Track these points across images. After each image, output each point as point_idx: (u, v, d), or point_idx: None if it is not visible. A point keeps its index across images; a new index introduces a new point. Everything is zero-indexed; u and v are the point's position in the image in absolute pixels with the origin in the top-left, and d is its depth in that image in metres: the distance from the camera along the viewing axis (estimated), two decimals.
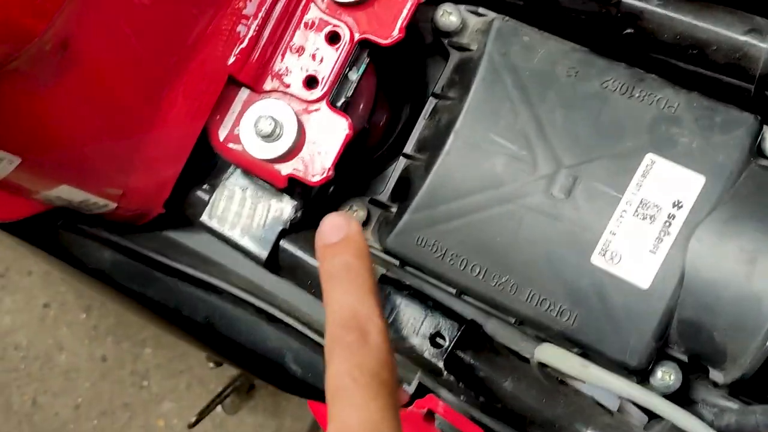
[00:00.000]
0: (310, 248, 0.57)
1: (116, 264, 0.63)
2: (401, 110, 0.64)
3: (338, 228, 0.41)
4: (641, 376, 0.54)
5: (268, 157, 0.52)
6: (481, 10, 0.60)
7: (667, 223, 0.53)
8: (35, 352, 1.42)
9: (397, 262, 0.58)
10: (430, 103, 0.61)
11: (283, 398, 1.40)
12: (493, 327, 0.59)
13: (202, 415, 1.25)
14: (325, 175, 0.53)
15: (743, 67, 0.55)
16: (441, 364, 0.52)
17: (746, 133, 0.53)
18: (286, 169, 0.53)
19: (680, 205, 0.53)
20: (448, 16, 0.59)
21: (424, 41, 0.62)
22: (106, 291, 0.66)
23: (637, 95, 0.55)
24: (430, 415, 0.54)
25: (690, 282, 0.52)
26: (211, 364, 1.29)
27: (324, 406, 0.59)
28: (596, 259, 0.53)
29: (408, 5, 0.54)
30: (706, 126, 0.54)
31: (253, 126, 0.52)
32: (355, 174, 0.62)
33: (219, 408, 1.33)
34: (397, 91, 0.64)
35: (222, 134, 0.54)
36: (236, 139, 0.53)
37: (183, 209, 0.58)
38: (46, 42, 0.41)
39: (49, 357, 1.41)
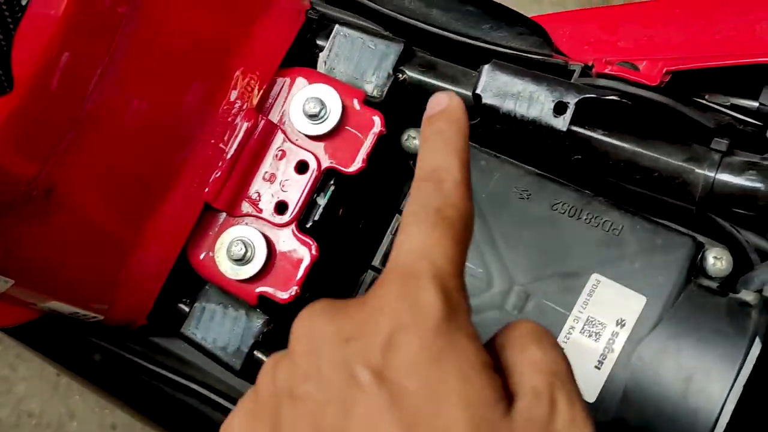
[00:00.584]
0: None
1: (106, 366, 0.68)
2: (373, 225, 0.68)
3: (439, 102, 0.43)
4: None
5: (240, 279, 0.57)
6: None
7: (611, 341, 0.56)
8: (47, 420, 1.45)
9: None
10: (396, 219, 0.65)
11: None
12: None
13: None
14: (292, 293, 0.57)
15: (684, 191, 0.59)
16: None
17: (685, 255, 0.57)
18: (257, 288, 0.58)
19: (623, 323, 0.56)
20: (413, 140, 0.65)
21: (395, 160, 0.67)
22: (96, 390, 0.70)
23: (584, 218, 0.60)
24: None
25: (632, 397, 0.55)
26: None
27: None
28: None
29: (370, 139, 0.59)
30: (648, 248, 0.58)
31: (226, 250, 0.57)
32: (327, 285, 0.66)
33: None
34: (370, 208, 0.68)
35: (199, 255, 0.58)
36: (212, 261, 0.58)
37: (165, 321, 0.62)
38: (32, 188, 0.47)
39: (61, 424, 1.45)
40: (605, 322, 0.57)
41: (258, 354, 0.61)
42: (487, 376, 0.34)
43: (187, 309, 0.62)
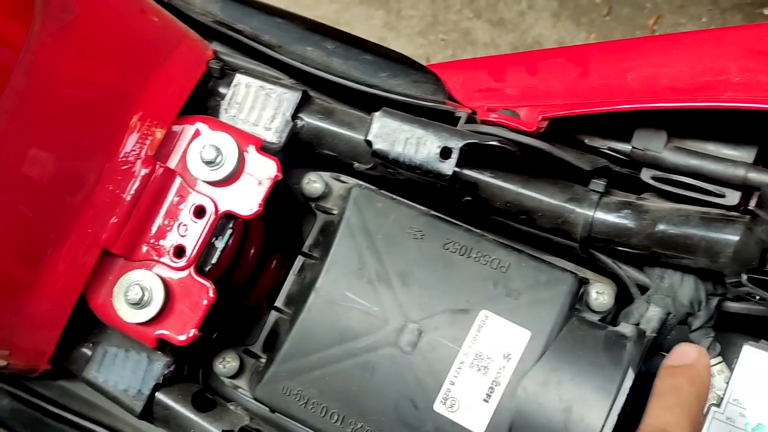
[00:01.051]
0: (183, 400, 0.62)
1: (13, 411, 0.68)
2: (279, 266, 0.71)
3: (685, 355, 0.40)
4: None
5: (138, 322, 0.58)
6: (342, 177, 0.68)
7: (498, 374, 0.59)
8: None
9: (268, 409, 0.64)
10: (299, 261, 0.67)
11: None
12: None
13: None
14: (190, 335, 0.59)
15: (566, 231, 0.62)
16: None
17: (567, 291, 0.60)
18: (155, 331, 0.59)
19: (509, 357, 0.59)
20: (313, 184, 0.67)
21: (299, 202, 0.69)
22: None
23: (474, 256, 0.62)
24: None
25: (518, 428, 0.57)
26: None
27: None
28: (438, 407, 0.59)
29: (266, 183, 0.61)
30: (533, 284, 0.61)
31: (124, 294, 0.58)
32: (230, 326, 0.68)
33: None
34: (275, 248, 0.71)
35: (98, 299, 0.60)
36: (110, 305, 0.59)
37: (68, 364, 0.63)
38: None
39: None
40: (493, 357, 0.59)
41: (159, 395, 0.62)
42: None
43: (89, 352, 0.63)
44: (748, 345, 0.50)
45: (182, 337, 0.59)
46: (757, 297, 0.53)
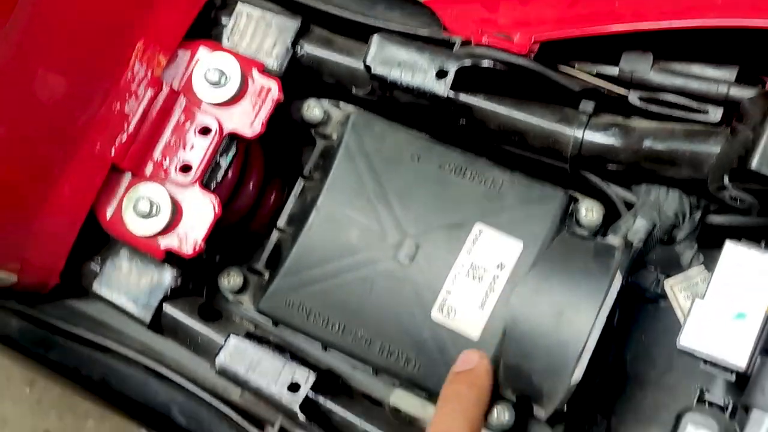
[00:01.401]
0: (189, 311, 0.65)
1: (22, 331, 0.70)
2: (282, 190, 0.73)
3: (467, 361, 0.45)
4: None
5: (147, 234, 0.61)
6: (341, 104, 0.70)
7: (493, 283, 0.62)
8: None
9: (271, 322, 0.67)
10: (299, 183, 0.70)
11: None
12: (360, 377, 0.67)
13: None
14: (197, 248, 0.61)
15: (557, 150, 0.65)
16: (297, 409, 0.60)
17: (557, 206, 0.63)
18: (163, 243, 0.61)
19: (503, 266, 0.62)
20: (313, 110, 0.69)
21: (298, 131, 0.71)
22: (14, 356, 0.72)
23: (469, 176, 0.65)
24: None
25: (511, 332, 0.60)
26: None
27: None
28: (435, 315, 0.62)
29: (268, 105, 0.63)
30: (525, 200, 0.63)
31: (133, 207, 0.61)
32: (236, 246, 0.71)
33: None
34: (278, 173, 0.73)
35: (108, 214, 0.62)
36: (119, 218, 0.61)
37: (78, 280, 0.66)
38: None
39: None
40: (487, 267, 0.62)
41: (167, 308, 0.64)
42: None
43: (98, 268, 0.65)
44: (729, 241, 0.53)
45: (189, 250, 0.61)
46: (738, 200, 0.56)
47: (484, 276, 0.62)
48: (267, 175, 0.72)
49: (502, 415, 0.62)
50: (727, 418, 0.52)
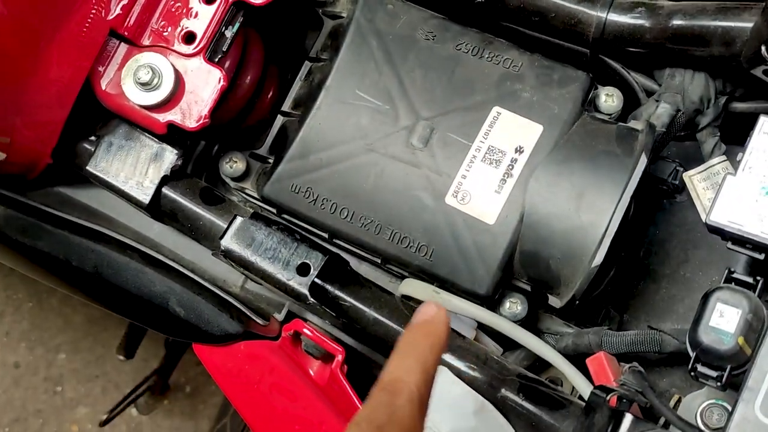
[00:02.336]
0: (191, 194, 0.61)
1: (8, 218, 0.66)
2: (281, 78, 0.69)
3: (425, 313, 0.43)
4: (490, 304, 0.60)
5: (148, 104, 0.57)
6: None
7: (510, 166, 0.59)
8: None
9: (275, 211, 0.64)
10: (306, 66, 0.66)
11: (200, 400, 1.41)
12: (366, 270, 0.65)
13: (112, 413, 1.24)
14: (201, 121, 0.58)
15: (579, 32, 0.62)
16: (306, 291, 0.57)
17: (579, 88, 0.60)
18: (165, 116, 0.58)
19: (521, 150, 0.59)
20: None
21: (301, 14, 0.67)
22: None
23: (486, 56, 0.62)
24: (296, 337, 0.58)
25: (529, 217, 0.58)
26: (121, 357, 1.30)
27: (207, 348, 0.64)
28: (450, 200, 0.59)
29: None
30: (545, 82, 0.61)
31: (133, 75, 0.57)
32: (238, 132, 0.67)
33: (134, 411, 1.33)
34: (276, 62, 0.69)
35: (104, 84, 0.58)
36: (118, 89, 0.57)
37: (70, 160, 0.62)
38: None
39: None
40: (505, 150, 0.59)
41: (166, 190, 0.61)
42: None
43: (92, 147, 0.61)
44: (764, 116, 0.51)
45: (193, 124, 0.58)
46: None
47: (502, 160, 0.59)
48: (266, 64, 0.69)
49: (514, 306, 0.60)
50: (755, 297, 0.50)
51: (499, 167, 0.59)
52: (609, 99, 0.62)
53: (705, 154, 0.62)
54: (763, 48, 0.52)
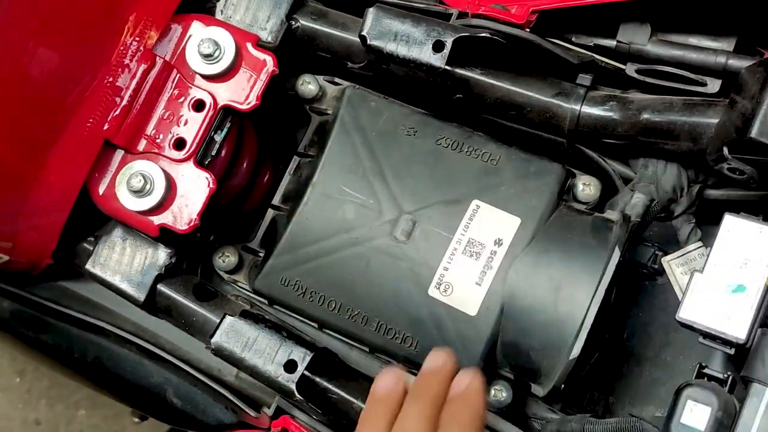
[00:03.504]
0: (184, 291, 0.64)
1: (14, 312, 0.70)
2: (274, 169, 0.72)
3: (460, 383, 0.47)
4: None
5: (141, 210, 0.60)
6: (336, 79, 0.69)
7: (490, 258, 0.61)
8: None
9: (266, 302, 0.66)
10: (294, 161, 0.69)
11: None
12: (356, 357, 0.67)
13: None
14: (192, 224, 0.61)
15: (555, 124, 0.64)
16: (293, 387, 0.59)
17: (555, 180, 0.62)
18: (157, 219, 0.61)
19: (500, 242, 0.61)
20: (308, 85, 0.68)
21: (293, 110, 0.70)
22: (7, 339, 0.72)
23: (465, 150, 0.64)
24: None
25: (509, 309, 0.60)
26: (136, 419, 1.32)
27: None
28: (433, 292, 0.61)
29: (263, 77, 0.62)
30: (522, 175, 0.63)
31: (127, 182, 0.60)
32: (230, 226, 0.70)
33: None
34: (270, 153, 0.72)
35: (100, 190, 0.61)
36: (113, 194, 0.60)
37: (70, 259, 0.65)
38: None
39: None
40: (484, 243, 0.61)
41: (161, 287, 0.63)
42: None
43: (91, 247, 0.64)
44: (728, 214, 0.53)
45: (184, 226, 0.61)
46: (737, 171, 0.55)
47: (482, 252, 0.61)
48: (260, 155, 0.72)
49: (500, 393, 0.62)
50: (726, 392, 0.51)
51: (479, 259, 0.61)
52: (586, 188, 0.64)
53: (681, 240, 0.64)
54: (725, 148, 0.54)
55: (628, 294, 0.67)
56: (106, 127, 0.60)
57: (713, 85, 0.60)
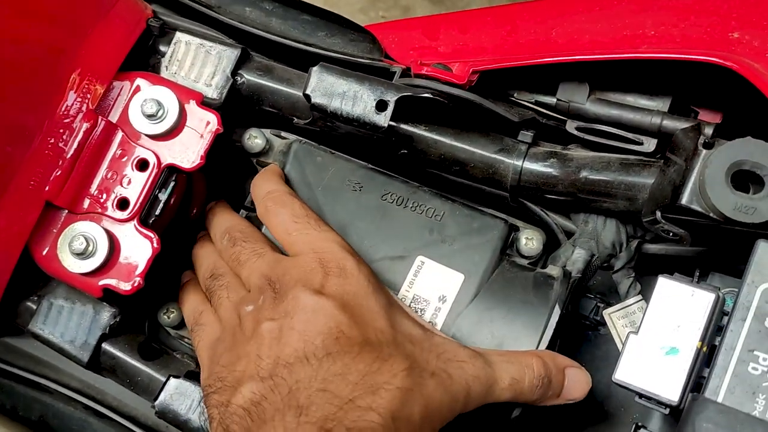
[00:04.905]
0: (129, 350, 0.63)
1: None
2: None
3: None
4: None
5: (83, 272, 0.60)
6: (283, 133, 0.69)
7: (435, 315, 0.62)
8: None
9: None
10: (241, 214, 0.69)
11: None
12: None
13: None
14: (136, 285, 0.60)
15: (497, 180, 0.65)
16: None
17: (497, 236, 0.63)
18: (101, 281, 0.60)
19: (444, 299, 0.62)
20: (254, 140, 0.69)
21: (241, 160, 0.71)
22: None
23: (410, 206, 0.65)
24: None
25: None
26: None
27: None
28: None
29: (208, 137, 0.62)
30: (465, 231, 0.64)
31: (68, 245, 0.59)
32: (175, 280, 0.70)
33: None
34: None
35: (43, 251, 0.61)
36: (55, 256, 0.60)
37: (12, 319, 0.64)
38: None
39: None
40: (429, 299, 0.62)
41: (106, 346, 0.63)
42: None
43: (34, 306, 0.64)
44: (662, 277, 0.54)
45: (127, 287, 0.60)
46: (671, 233, 0.57)
47: (426, 309, 0.62)
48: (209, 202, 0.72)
49: None
50: None
51: (425, 315, 0.62)
52: (529, 242, 0.65)
53: (621, 293, 0.65)
54: (658, 213, 0.55)
55: (571, 344, 0.68)
56: (47, 189, 0.59)
57: (649, 144, 0.62)
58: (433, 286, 0.63)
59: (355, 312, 0.54)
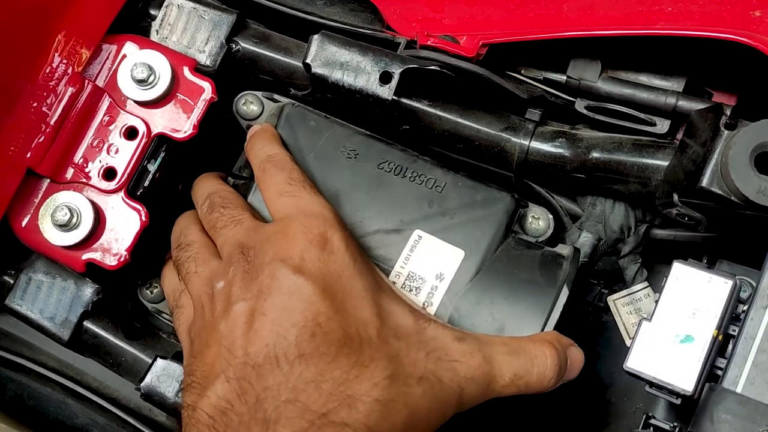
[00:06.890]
0: (113, 329, 0.60)
1: None
2: None
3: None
4: None
5: (66, 245, 0.56)
6: (275, 96, 0.66)
7: (431, 294, 0.59)
8: None
9: None
10: (229, 181, 0.66)
11: None
12: None
13: None
14: (122, 260, 0.57)
15: (503, 159, 0.63)
16: None
17: (503, 210, 0.60)
18: (84, 255, 0.57)
19: (442, 277, 0.59)
20: (250, 105, 0.65)
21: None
22: None
23: (409, 176, 0.61)
24: None
25: None
26: None
27: None
28: None
29: (201, 105, 0.59)
30: (469, 203, 0.60)
31: (51, 216, 0.56)
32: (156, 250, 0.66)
33: None
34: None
35: (23, 222, 0.57)
36: (36, 227, 0.56)
37: None
38: None
39: None
40: (425, 277, 0.59)
41: (88, 324, 0.60)
42: None
43: (11, 280, 0.60)
44: (677, 262, 0.52)
45: (113, 262, 0.57)
46: (686, 218, 0.55)
47: (422, 287, 0.59)
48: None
49: None
50: None
51: (419, 295, 0.59)
52: (535, 222, 0.61)
53: (627, 280, 0.63)
54: (675, 195, 0.53)
55: (573, 330, 0.66)
56: (29, 155, 0.56)
57: (662, 126, 0.59)
58: (431, 263, 0.59)
59: (337, 297, 0.50)
